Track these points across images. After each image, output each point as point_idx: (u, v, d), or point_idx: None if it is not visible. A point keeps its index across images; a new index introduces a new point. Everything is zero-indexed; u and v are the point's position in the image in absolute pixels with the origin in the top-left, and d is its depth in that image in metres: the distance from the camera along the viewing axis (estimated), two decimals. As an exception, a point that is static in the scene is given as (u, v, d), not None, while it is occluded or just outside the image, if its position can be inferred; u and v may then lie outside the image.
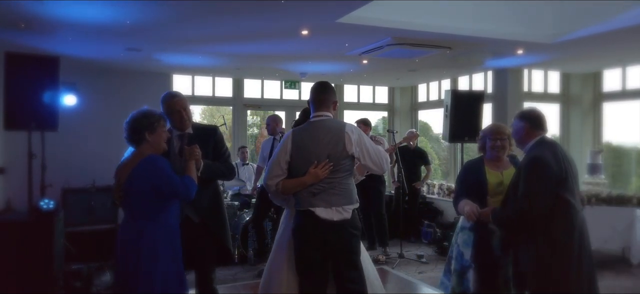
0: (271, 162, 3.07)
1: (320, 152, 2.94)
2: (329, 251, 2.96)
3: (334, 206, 2.93)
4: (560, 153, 2.92)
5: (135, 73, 7.40)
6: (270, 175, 3.03)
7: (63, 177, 5.96)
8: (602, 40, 5.42)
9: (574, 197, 2.86)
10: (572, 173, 2.90)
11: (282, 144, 3.04)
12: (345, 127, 3.02)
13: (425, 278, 5.66)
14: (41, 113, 4.49)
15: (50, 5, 3.90)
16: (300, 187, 2.95)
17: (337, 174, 2.95)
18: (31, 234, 4.55)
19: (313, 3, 4.00)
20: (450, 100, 6.50)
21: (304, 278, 3.00)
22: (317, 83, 3.19)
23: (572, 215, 2.85)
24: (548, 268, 2.84)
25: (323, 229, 2.92)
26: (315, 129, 3.00)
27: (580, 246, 2.85)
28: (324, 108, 3.06)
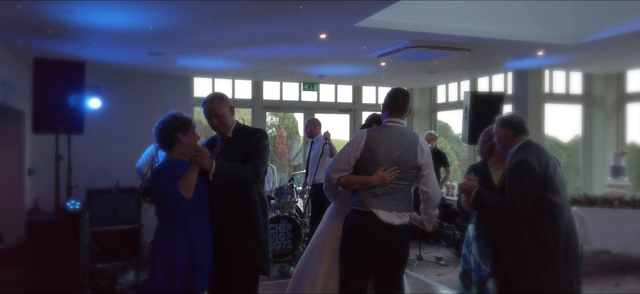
0: (338, 156, 3.10)
1: (391, 157, 2.99)
2: (385, 254, 3.00)
3: (394, 211, 2.98)
4: (544, 155, 2.96)
5: (157, 76, 7.56)
6: (335, 168, 3.06)
7: (88, 178, 6.12)
8: (625, 42, 5.33)
9: (559, 198, 2.91)
10: (557, 175, 2.94)
11: (353, 141, 3.07)
12: (419, 138, 3.11)
13: (443, 280, 5.65)
14: (68, 117, 4.60)
15: (78, 13, 4.04)
16: (363, 186, 2.98)
17: (401, 181, 3.01)
18: (59, 233, 4.68)
19: (331, 8, 4.04)
20: (470, 101, 6.45)
21: (351, 276, 3.03)
22: (396, 90, 3.19)
23: (557, 215, 2.89)
24: (531, 268, 2.87)
25: (383, 232, 2.96)
26: (390, 133, 3.06)
27: (566, 247, 2.90)
28: (400, 115, 3.13)
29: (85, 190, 6.13)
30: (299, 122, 10.37)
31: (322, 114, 8.96)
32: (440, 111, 9.64)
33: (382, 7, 4.07)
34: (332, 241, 3.19)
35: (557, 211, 2.89)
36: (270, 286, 5.38)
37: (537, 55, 6.05)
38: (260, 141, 3.11)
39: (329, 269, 3.15)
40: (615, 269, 6.01)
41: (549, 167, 2.90)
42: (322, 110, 9.08)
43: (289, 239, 6.30)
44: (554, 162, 3.00)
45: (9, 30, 4.70)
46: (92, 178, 6.26)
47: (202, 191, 2.88)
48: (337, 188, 3.12)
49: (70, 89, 4.59)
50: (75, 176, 5.14)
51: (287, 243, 6.28)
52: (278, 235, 6.31)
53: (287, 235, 6.32)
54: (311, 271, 3.23)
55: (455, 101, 8.92)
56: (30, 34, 4.81)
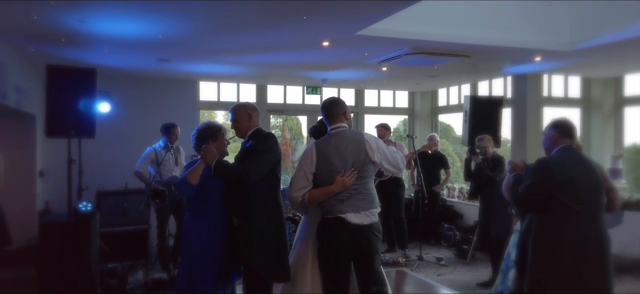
0: (295, 175, 3.23)
1: (345, 162, 3.12)
2: (357, 254, 3.14)
3: (362, 211, 3.11)
4: (577, 162, 3.01)
5: (163, 80, 7.74)
6: (296, 187, 3.17)
7: (97, 180, 6.29)
8: (622, 47, 5.46)
9: (579, 204, 2.91)
10: (585, 182, 2.94)
11: (305, 157, 3.21)
12: (364, 135, 3.24)
13: (444, 280, 5.78)
14: (80, 121, 4.75)
15: (91, 23, 4.21)
16: (327, 196, 3.11)
17: (361, 180, 3.13)
18: (71, 234, 4.84)
19: (334, 18, 4.20)
20: (470, 105, 6.61)
21: (330, 280, 3.17)
22: (325, 100, 3.40)
23: (571, 221, 2.91)
24: (532, 265, 3.01)
25: (353, 233, 3.09)
26: (337, 140, 3.18)
27: (579, 256, 2.89)
28: (337, 120, 3.25)
29: (94, 192, 6.30)
30: (303, 124, 10.52)
31: (321, 117, 9.10)
32: (441, 113, 9.78)
33: (384, 17, 4.24)
34: (312, 249, 3.31)
35: (572, 217, 2.92)
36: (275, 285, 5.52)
37: (535, 61, 6.19)
38: (260, 144, 3.25)
39: (310, 276, 3.29)
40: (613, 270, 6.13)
41: (575, 172, 2.94)
42: (325, 113, 9.22)
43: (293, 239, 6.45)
44: (591, 171, 3.01)
45: (23, 38, 4.88)
46: (101, 180, 6.44)
47: (215, 188, 3.29)
48: (303, 205, 3.26)
49: (82, 95, 4.74)
50: (85, 178, 5.30)
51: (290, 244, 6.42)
52: (282, 236, 6.46)
53: (290, 236, 6.46)
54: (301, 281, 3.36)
55: (456, 103, 9.07)
56: (43, 42, 5.00)
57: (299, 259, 3.43)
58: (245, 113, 3.37)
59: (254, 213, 3.22)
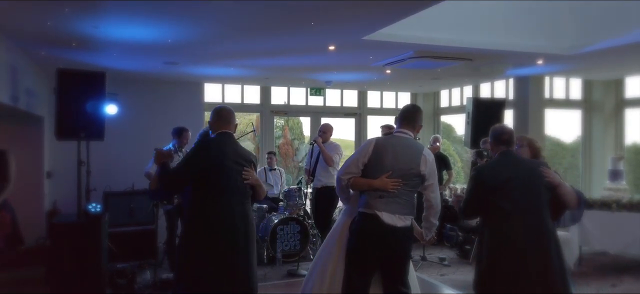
0: (349, 160, 3.35)
1: (396, 164, 3.21)
2: (388, 254, 3.22)
3: (397, 214, 3.20)
4: (511, 164, 3.15)
5: (169, 82, 7.82)
6: (346, 171, 3.31)
7: (104, 181, 6.36)
8: (623, 52, 5.54)
9: (511, 205, 3.03)
10: (520, 183, 3.06)
11: (364, 147, 3.32)
12: (424, 149, 3.32)
13: (446, 280, 5.86)
14: (90, 124, 4.81)
15: (103, 28, 4.29)
16: (368, 188, 3.22)
17: (405, 187, 3.22)
18: (81, 235, 4.91)
19: (341, 24, 4.28)
20: (472, 107, 6.68)
21: (355, 273, 3.25)
22: (409, 105, 3.49)
23: (504, 221, 3.05)
24: (478, 264, 3.19)
25: (386, 233, 3.18)
26: (397, 142, 3.31)
27: (511, 254, 3.01)
28: (409, 127, 3.36)
29: (102, 192, 6.37)
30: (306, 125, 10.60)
31: (328, 118, 9.19)
32: (443, 115, 9.86)
33: (391, 23, 4.32)
34: (340, 242, 3.43)
35: (504, 216, 3.06)
36: (280, 285, 5.60)
37: (537, 64, 6.27)
38: (189, 152, 3.34)
39: (335, 268, 3.39)
40: (613, 270, 6.21)
41: (508, 174, 3.08)
42: (328, 114, 9.31)
43: (298, 240, 6.53)
44: (526, 172, 3.12)
45: (35, 42, 4.96)
46: (108, 181, 6.50)
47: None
48: (347, 189, 3.37)
49: (92, 98, 4.81)
50: (93, 179, 5.37)
51: (295, 244, 6.50)
52: (287, 236, 6.54)
53: (295, 236, 6.55)
54: (320, 269, 3.51)
55: (458, 105, 9.14)
56: (55, 46, 5.07)
57: (328, 243, 3.58)
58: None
59: (182, 219, 3.43)
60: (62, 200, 6.80)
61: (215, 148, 3.17)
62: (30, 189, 6.57)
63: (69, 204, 6.00)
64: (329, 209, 6.32)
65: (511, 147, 3.25)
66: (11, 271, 5.62)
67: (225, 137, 3.23)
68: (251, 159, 3.27)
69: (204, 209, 3.11)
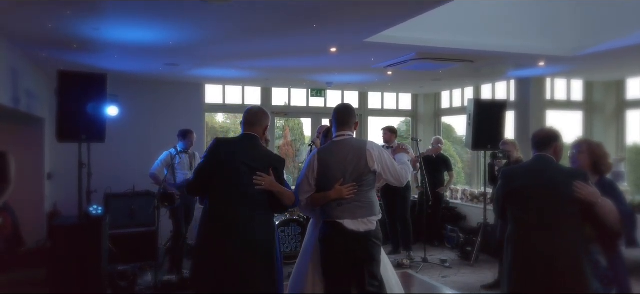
0: (300, 180, 3.34)
1: (345, 169, 3.19)
2: (354, 259, 3.21)
3: (359, 218, 3.18)
4: (537, 171, 2.95)
5: (169, 84, 7.82)
6: (301, 191, 3.31)
7: (105, 182, 6.36)
8: (624, 54, 5.53)
9: (526, 214, 2.88)
10: (538, 192, 2.86)
11: (309, 163, 3.31)
12: (366, 144, 3.27)
13: (448, 282, 5.86)
14: (90, 126, 4.83)
15: (104, 30, 4.29)
16: (326, 201, 3.21)
17: (361, 189, 3.20)
18: (82, 237, 4.92)
19: (343, 26, 4.28)
20: (473, 108, 6.68)
21: (331, 281, 3.26)
22: (340, 105, 3.45)
23: (515, 226, 2.94)
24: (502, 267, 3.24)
25: (349, 239, 3.16)
26: (339, 148, 3.26)
27: (513, 258, 2.91)
28: (346, 128, 3.32)
29: (103, 194, 6.38)
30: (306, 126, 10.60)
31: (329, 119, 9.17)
32: (444, 116, 9.85)
33: (392, 25, 4.31)
34: (315, 249, 3.40)
35: (515, 223, 2.95)
36: (282, 287, 5.60)
37: (539, 65, 6.26)
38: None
39: (315, 274, 3.37)
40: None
41: (527, 181, 2.92)
42: (329, 115, 9.20)
43: (298, 241, 6.53)
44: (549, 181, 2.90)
45: (36, 44, 4.96)
46: (109, 182, 6.50)
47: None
48: (309, 208, 3.37)
49: (92, 100, 4.82)
50: (93, 180, 5.38)
51: (296, 246, 6.50)
52: (288, 238, 6.54)
53: (296, 238, 6.54)
54: (302, 279, 3.48)
55: (459, 106, 9.14)
56: (55, 48, 5.07)
57: (302, 258, 3.57)
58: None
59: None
60: (62, 202, 6.80)
61: (223, 152, 3.11)
62: (31, 191, 6.57)
63: (69, 205, 6.01)
64: None
65: (541, 150, 2.99)
66: (12, 273, 5.62)
67: (242, 140, 3.20)
68: (271, 163, 3.13)
69: (209, 213, 3.10)
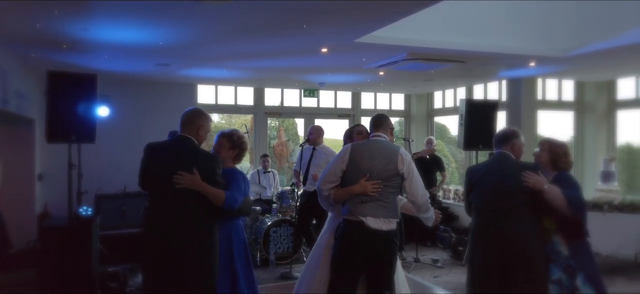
0: (327, 170, 3.37)
1: (374, 166, 3.23)
2: (372, 257, 3.22)
3: (382, 217, 3.20)
4: (487, 165, 3.39)
5: (161, 84, 7.78)
6: (325, 180, 3.33)
7: (96, 183, 6.33)
8: (614, 54, 5.57)
9: (482, 204, 3.24)
10: (493, 184, 3.19)
11: (340, 155, 3.36)
12: (400, 149, 3.33)
13: (440, 282, 5.87)
14: (80, 127, 4.78)
15: (94, 31, 4.26)
16: (349, 196, 3.23)
17: (386, 189, 3.23)
18: (72, 238, 4.89)
19: (333, 26, 4.28)
20: (465, 108, 6.69)
21: (340, 279, 3.25)
22: (379, 114, 3.62)
23: (474, 219, 3.31)
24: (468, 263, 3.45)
25: (371, 237, 3.18)
26: (372, 146, 3.34)
27: (474, 246, 3.26)
28: (381, 130, 3.43)
29: (93, 195, 6.34)
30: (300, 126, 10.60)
31: (322, 119, 9.19)
32: (437, 116, 9.88)
33: (383, 25, 4.32)
34: (327, 251, 3.43)
35: (475, 214, 3.30)
36: (272, 287, 5.59)
37: (530, 66, 6.29)
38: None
39: (323, 277, 3.38)
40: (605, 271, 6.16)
41: (480, 175, 3.28)
42: (322, 115, 9.31)
43: (291, 242, 6.52)
44: (503, 174, 3.18)
45: (25, 45, 4.92)
46: (100, 183, 6.48)
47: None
48: (329, 200, 3.37)
49: (83, 101, 4.77)
50: (84, 181, 5.34)
51: (288, 246, 6.50)
52: (280, 238, 6.53)
53: (288, 238, 6.54)
54: (309, 279, 3.54)
55: (452, 106, 9.16)
56: (44, 48, 5.04)
57: (315, 251, 3.63)
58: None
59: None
60: (53, 203, 6.75)
61: (154, 156, 3.12)
62: (22, 192, 6.53)
63: (60, 207, 5.96)
64: (317, 214, 6.12)
65: (500, 147, 3.31)
66: (1, 275, 5.58)
67: (174, 143, 3.19)
68: (196, 162, 3.00)
69: (147, 216, 3.18)
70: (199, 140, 3.17)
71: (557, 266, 3.06)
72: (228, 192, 3.05)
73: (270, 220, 6.53)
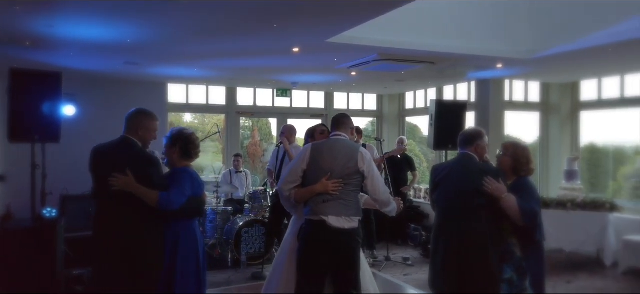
0: (288, 170, 3.36)
1: (335, 165, 3.24)
2: (336, 257, 3.23)
3: (343, 215, 3.21)
4: (451, 165, 3.43)
5: (131, 83, 7.63)
6: (286, 181, 3.33)
7: (61, 184, 6.16)
8: (578, 56, 5.76)
9: (444, 203, 3.30)
10: (453, 185, 3.26)
11: (301, 155, 3.35)
12: (360, 148, 3.36)
13: (410, 280, 5.95)
14: (44, 126, 4.66)
15: (58, 27, 4.15)
16: (310, 195, 3.23)
17: (347, 188, 3.24)
18: (35, 241, 4.75)
19: (304, 26, 4.28)
20: (435, 109, 6.80)
21: (305, 279, 3.26)
22: (339, 113, 3.60)
23: (437, 216, 3.39)
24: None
25: (333, 236, 3.19)
26: (333, 145, 3.35)
27: (436, 244, 3.32)
28: (342, 129, 3.42)
29: (59, 196, 6.17)
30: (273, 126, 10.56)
31: (295, 119, 9.18)
32: (408, 116, 10.01)
33: (353, 26, 4.35)
34: (292, 253, 3.44)
35: (438, 213, 3.37)
36: (245, 288, 5.56)
37: (497, 67, 6.44)
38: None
39: (291, 280, 3.39)
40: (568, 267, 6.45)
41: (442, 174, 3.34)
42: (295, 115, 9.30)
43: (263, 242, 6.49)
44: (462, 174, 3.24)
45: (-14, 41, 4.75)
46: (65, 184, 6.31)
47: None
48: (291, 200, 3.37)
49: (47, 99, 4.64)
50: (48, 182, 5.20)
51: (260, 246, 6.47)
52: (252, 239, 6.49)
53: (260, 239, 6.51)
54: (278, 276, 3.54)
55: (423, 106, 9.30)
56: (7, 45, 4.87)
57: (280, 255, 3.63)
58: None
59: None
60: (16, 204, 6.52)
61: (97, 159, 3.16)
62: (-18, 194, 6.30)
63: (23, 208, 5.77)
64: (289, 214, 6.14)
65: (464, 148, 3.35)
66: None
67: (116, 144, 3.20)
68: (131, 164, 3.01)
69: (93, 218, 3.20)
70: (142, 140, 3.19)
71: (509, 265, 3.13)
72: (162, 193, 3.01)
73: (242, 220, 6.49)
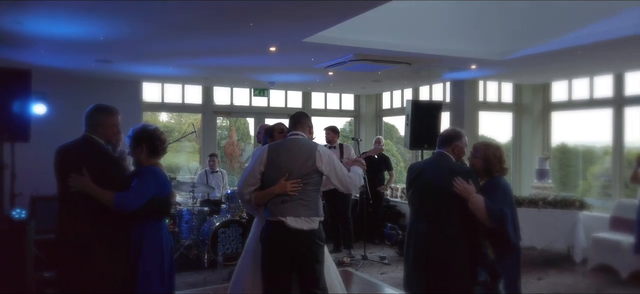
0: (246, 172, 3.32)
1: (292, 166, 3.21)
2: (296, 258, 3.22)
3: (302, 216, 3.18)
4: (425, 164, 3.49)
5: (104, 81, 7.49)
6: (245, 184, 3.28)
7: (31, 184, 6.01)
8: (549, 58, 5.90)
9: (418, 202, 3.33)
10: (424, 183, 3.29)
11: (258, 156, 3.32)
12: (318, 146, 3.33)
13: (386, 278, 6.00)
14: (13, 125, 4.53)
15: (28, 23, 4.04)
16: (270, 197, 3.20)
17: (306, 187, 3.22)
18: (4, 243, 4.62)
19: (280, 25, 4.27)
20: (411, 109, 6.87)
21: (270, 281, 3.26)
22: (298, 111, 3.57)
23: (410, 214, 3.44)
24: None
25: (292, 237, 3.17)
26: (290, 145, 3.31)
27: (408, 243, 3.37)
28: (299, 128, 3.39)
29: (29, 197, 6.02)
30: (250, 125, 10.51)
31: (273, 119, 9.14)
32: (385, 116, 10.10)
33: (330, 26, 4.36)
34: (256, 255, 3.44)
35: (410, 209, 3.43)
36: (221, 289, 5.52)
37: (471, 68, 6.55)
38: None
39: (255, 274, 3.41)
40: (539, 264, 6.61)
41: (417, 173, 3.36)
42: (272, 115, 9.26)
43: (240, 242, 6.45)
44: (436, 174, 3.25)
45: (-50, 37, 4.60)
46: (35, 185, 6.15)
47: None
48: (251, 203, 3.35)
49: (16, 98, 4.51)
50: (18, 182, 5.07)
51: (237, 247, 6.43)
52: (228, 239, 6.45)
53: (237, 239, 6.47)
54: (243, 279, 3.54)
55: (399, 106, 9.39)
56: (-27, 41, 4.73)
57: (244, 258, 3.60)
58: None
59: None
60: (-16, 205, 6.34)
61: (60, 159, 3.14)
62: (-52, 195, 6.08)
63: (-9, 210, 5.62)
64: None
65: (442, 148, 3.36)
66: None
67: (78, 143, 3.17)
68: (88, 163, 2.99)
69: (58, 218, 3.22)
70: (105, 138, 3.15)
71: (483, 268, 3.15)
72: (118, 194, 2.95)
73: (218, 221, 6.44)
